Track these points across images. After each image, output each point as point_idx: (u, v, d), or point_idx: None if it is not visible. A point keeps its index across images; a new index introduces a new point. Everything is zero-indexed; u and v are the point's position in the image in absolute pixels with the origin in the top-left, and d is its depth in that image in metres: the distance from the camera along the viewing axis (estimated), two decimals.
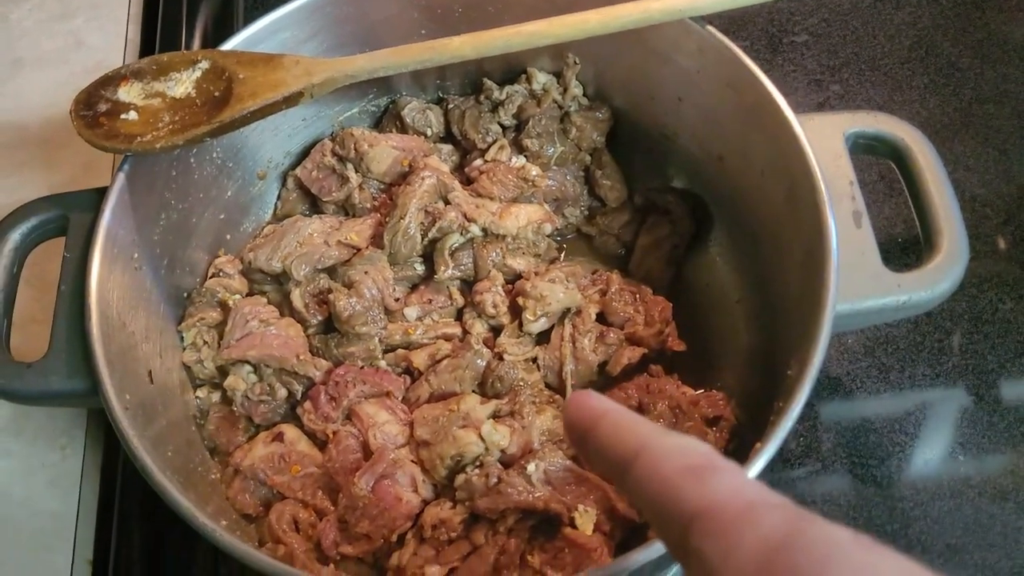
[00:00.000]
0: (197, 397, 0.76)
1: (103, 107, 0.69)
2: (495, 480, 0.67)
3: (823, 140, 0.68)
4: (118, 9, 1.05)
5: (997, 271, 0.86)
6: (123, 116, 0.68)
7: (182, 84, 0.69)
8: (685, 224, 0.82)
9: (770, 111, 0.68)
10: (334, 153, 0.83)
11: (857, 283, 0.63)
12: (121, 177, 0.68)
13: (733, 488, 0.37)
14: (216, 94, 0.68)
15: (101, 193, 0.68)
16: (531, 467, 0.67)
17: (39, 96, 0.97)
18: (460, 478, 0.68)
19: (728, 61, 0.71)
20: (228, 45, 0.73)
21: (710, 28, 0.72)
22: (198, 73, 0.69)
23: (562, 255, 0.86)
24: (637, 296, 0.79)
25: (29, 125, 0.94)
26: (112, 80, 0.70)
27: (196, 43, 0.99)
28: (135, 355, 0.68)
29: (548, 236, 0.83)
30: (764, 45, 1.00)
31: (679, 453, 0.39)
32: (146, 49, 1.02)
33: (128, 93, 0.69)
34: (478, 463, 0.68)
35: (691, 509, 0.37)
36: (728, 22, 1.00)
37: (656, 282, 0.82)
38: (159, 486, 0.58)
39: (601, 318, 0.79)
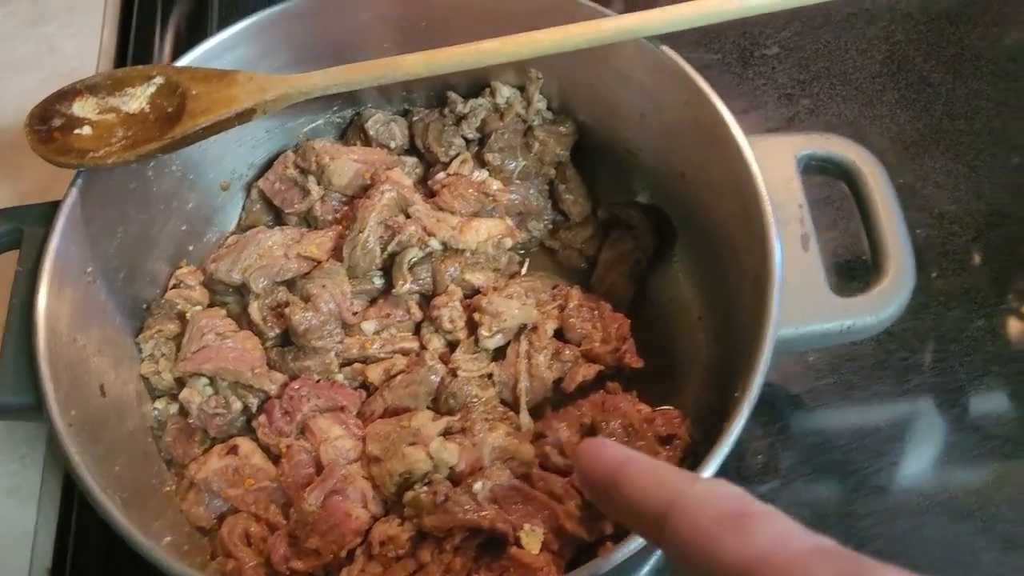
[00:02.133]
0: (155, 409, 0.76)
1: (57, 122, 0.69)
2: (442, 498, 0.67)
3: (775, 162, 0.68)
4: (92, 16, 1.05)
5: (964, 288, 0.86)
6: (77, 131, 0.68)
7: (136, 99, 0.69)
8: (648, 239, 0.82)
9: (722, 132, 0.68)
10: (296, 165, 0.83)
11: (802, 307, 0.63)
12: (74, 192, 0.68)
13: (777, 536, 0.36)
14: (169, 110, 0.69)
15: (55, 207, 0.68)
16: (478, 485, 0.67)
17: (11, 101, 0.97)
18: (408, 495, 0.68)
19: (682, 80, 0.71)
20: (185, 60, 0.73)
21: (664, 48, 0.72)
22: (152, 88, 0.70)
23: (524, 269, 0.86)
24: (596, 312, 0.79)
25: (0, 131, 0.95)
26: (67, 95, 0.70)
27: (167, 51, 0.99)
28: (86, 369, 0.68)
29: (510, 250, 0.83)
30: (735, 58, 1.00)
31: (713, 501, 0.38)
32: (119, 56, 1.02)
33: (83, 108, 0.69)
34: (427, 480, 0.69)
35: (736, 567, 0.35)
36: (700, 35, 1.00)
37: (618, 297, 0.82)
38: (98, 504, 0.58)
39: (560, 334, 0.79)
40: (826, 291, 0.64)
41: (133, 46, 1.01)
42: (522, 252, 0.86)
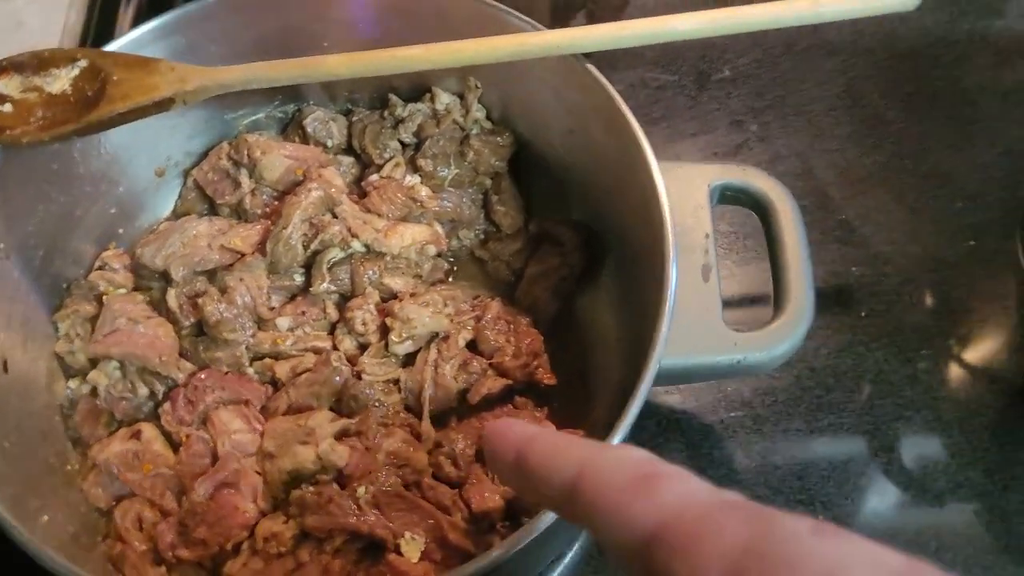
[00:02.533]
0: (68, 388, 0.77)
1: None
2: (327, 499, 0.67)
3: (687, 189, 0.68)
4: None
5: (890, 330, 0.85)
6: None
7: (59, 80, 0.70)
8: (575, 256, 0.82)
9: (637, 155, 0.68)
10: (230, 157, 0.83)
11: (693, 338, 0.63)
12: None
13: (684, 495, 0.36)
14: (90, 93, 0.69)
15: None
16: (361, 490, 0.67)
17: None
18: (295, 493, 0.68)
19: (605, 101, 0.71)
20: (113, 45, 0.74)
21: (589, 66, 0.72)
22: (76, 71, 0.70)
23: (450, 277, 0.86)
24: (512, 326, 0.79)
25: None
26: None
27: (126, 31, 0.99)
28: None
29: (437, 257, 0.83)
30: (692, 80, 1.00)
31: (621, 466, 0.38)
32: (83, 35, 1.03)
33: (7, 85, 0.70)
34: (314, 480, 0.69)
35: (646, 528, 0.35)
36: (659, 54, 1.00)
37: (541, 313, 0.82)
38: None
39: (474, 345, 0.79)
40: (720, 324, 0.64)
41: (95, 25, 1.02)
42: (451, 260, 0.86)
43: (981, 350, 0.85)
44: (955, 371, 0.84)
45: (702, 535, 0.33)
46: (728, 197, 0.70)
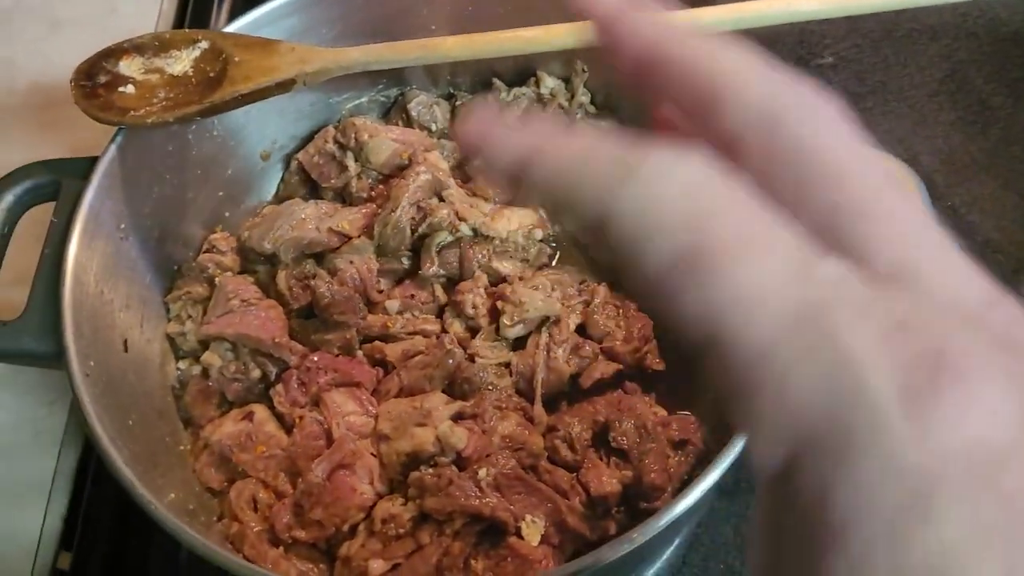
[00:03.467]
0: (178, 369, 0.78)
1: (103, 79, 0.70)
2: (447, 481, 0.67)
3: None
4: None
5: None
6: (120, 89, 0.70)
7: (181, 62, 0.70)
8: None
9: None
10: (336, 140, 0.83)
11: None
12: (112, 149, 0.70)
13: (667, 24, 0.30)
14: (211, 74, 0.69)
15: (94, 162, 0.70)
16: (483, 472, 0.67)
17: (69, 57, 0.99)
18: (413, 475, 0.68)
19: None
20: (232, 27, 0.74)
21: None
22: (197, 52, 0.71)
23: (554, 261, 0.85)
24: (621, 311, 0.78)
25: (60, 86, 0.97)
26: (115, 53, 0.72)
27: (223, 18, 1.00)
28: (110, 323, 0.69)
29: (541, 241, 0.83)
30: (791, 67, 0.98)
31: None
32: (178, 20, 1.04)
33: (129, 67, 0.71)
34: (433, 463, 0.69)
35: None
36: (757, 40, 0.99)
37: (647, 298, 0.81)
38: (105, 453, 0.59)
39: (583, 330, 0.78)
40: None
41: (191, 11, 1.02)
42: (554, 244, 0.86)
43: None
44: None
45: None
46: None
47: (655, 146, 0.26)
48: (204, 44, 0.71)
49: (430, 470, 0.68)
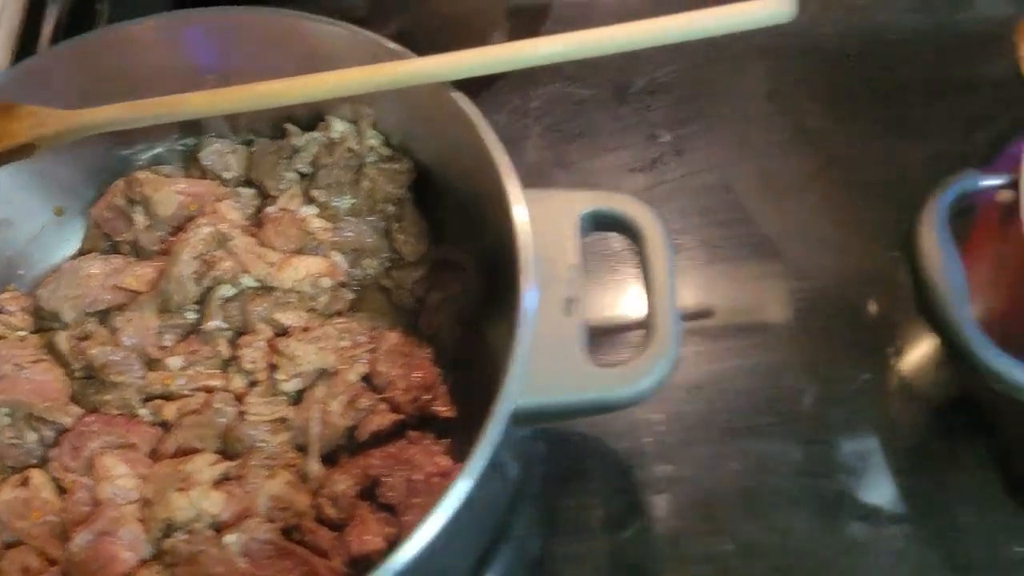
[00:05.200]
0: None
1: None
2: (198, 549, 0.66)
3: (555, 219, 0.66)
4: None
5: (812, 347, 0.82)
6: None
7: None
8: (472, 281, 0.80)
9: (499, 184, 0.66)
10: (124, 195, 0.82)
11: (552, 376, 0.61)
12: None
13: None
14: None
15: None
16: (231, 538, 0.66)
17: None
18: (168, 542, 0.67)
19: (470, 128, 0.69)
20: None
21: (455, 94, 0.70)
22: None
23: (356, 307, 0.84)
24: (408, 358, 0.77)
25: None
26: None
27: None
28: None
29: (342, 287, 0.81)
30: (610, 94, 0.97)
31: None
32: None
33: None
34: (188, 528, 0.68)
35: None
36: (576, 68, 0.98)
37: (445, 341, 0.80)
38: None
39: (371, 379, 0.77)
40: (582, 360, 0.62)
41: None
42: (357, 289, 0.84)
43: (908, 366, 0.82)
44: (883, 388, 0.81)
45: None
46: (601, 224, 0.67)
47: None
48: None
49: (184, 536, 0.67)
